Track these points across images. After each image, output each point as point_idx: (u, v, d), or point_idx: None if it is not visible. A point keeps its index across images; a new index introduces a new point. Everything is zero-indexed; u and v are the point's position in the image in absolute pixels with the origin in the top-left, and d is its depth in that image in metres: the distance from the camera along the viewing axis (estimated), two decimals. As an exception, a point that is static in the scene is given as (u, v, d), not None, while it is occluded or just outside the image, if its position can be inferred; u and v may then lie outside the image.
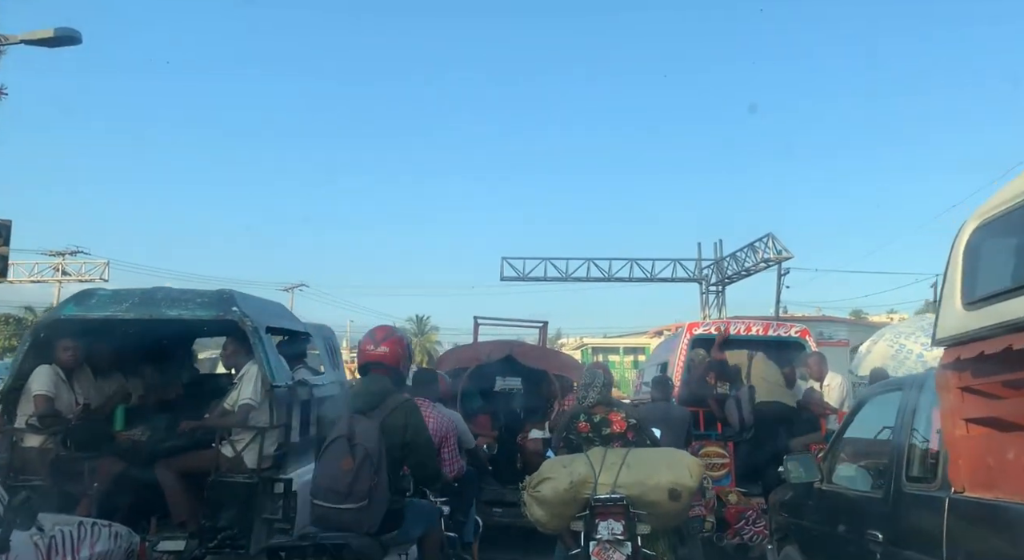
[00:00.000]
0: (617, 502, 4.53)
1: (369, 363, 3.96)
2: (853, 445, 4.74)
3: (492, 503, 7.21)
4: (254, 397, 5.05)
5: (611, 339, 53.09)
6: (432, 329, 60.42)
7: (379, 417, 3.71)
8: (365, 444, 3.59)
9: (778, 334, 8.40)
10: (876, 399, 4.69)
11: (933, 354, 9.86)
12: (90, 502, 4.58)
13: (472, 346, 9.48)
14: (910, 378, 4.28)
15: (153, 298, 5.22)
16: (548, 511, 4.66)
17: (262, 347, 5.10)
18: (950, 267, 3.23)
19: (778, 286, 28.69)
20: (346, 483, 3.54)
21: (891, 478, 3.74)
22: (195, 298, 5.22)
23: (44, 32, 9.36)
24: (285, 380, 5.24)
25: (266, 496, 4.98)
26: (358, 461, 3.56)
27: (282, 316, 6.08)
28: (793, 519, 5.25)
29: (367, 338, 4.05)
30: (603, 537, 4.49)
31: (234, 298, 5.22)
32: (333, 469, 3.62)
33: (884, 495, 3.79)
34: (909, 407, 3.83)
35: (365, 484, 3.55)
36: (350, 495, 3.55)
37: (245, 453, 4.99)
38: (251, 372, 5.11)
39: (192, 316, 5.16)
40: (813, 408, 7.67)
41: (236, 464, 4.96)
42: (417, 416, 3.89)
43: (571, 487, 4.59)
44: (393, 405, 3.78)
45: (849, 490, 4.45)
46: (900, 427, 3.84)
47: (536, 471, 4.85)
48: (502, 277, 29.57)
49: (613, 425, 5.18)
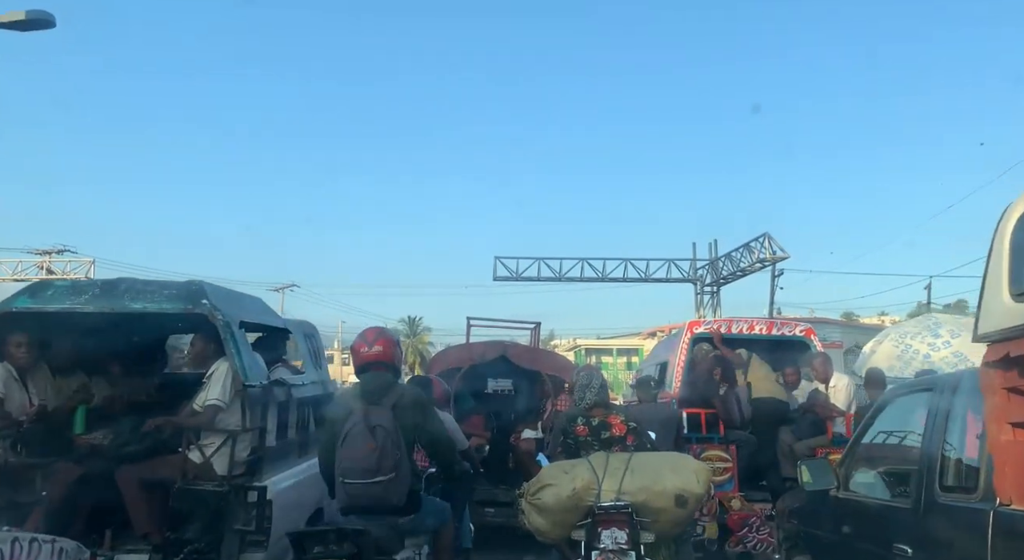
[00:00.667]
0: (621, 510, 4.31)
1: (367, 363, 4.13)
2: (873, 450, 4.45)
3: (484, 503, 7.14)
4: (222, 397, 4.67)
5: (604, 340, 52.95)
6: (424, 330, 60.16)
7: (389, 403, 3.96)
8: (384, 425, 3.86)
9: (782, 333, 8.20)
10: (900, 401, 4.37)
11: (940, 355, 9.84)
12: (40, 513, 4.18)
13: (466, 346, 9.40)
14: (941, 378, 3.96)
15: (115, 290, 4.82)
16: (549, 519, 4.44)
17: (234, 343, 4.71)
18: (993, 255, 2.90)
19: (772, 287, 28.54)
20: (374, 460, 3.80)
21: (922, 487, 3.43)
22: (161, 290, 4.82)
23: (15, 14, 8.95)
24: (259, 379, 4.85)
25: (238, 505, 4.58)
26: (380, 441, 3.82)
27: (259, 311, 5.69)
28: (805, 528, 4.97)
29: (359, 341, 4.17)
30: (607, 547, 4.27)
31: (204, 290, 4.83)
32: (359, 451, 3.84)
33: (914, 505, 3.48)
34: (941, 410, 3.52)
35: (391, 459, 3.83)
36: (379, 470, 3.80)
37: (215, 459, 4.60)
38: (221, 370, 4.72)
39: (158, 309, 4.76)
40: (819, 410, 7.41)
41: (205, 470, 4.57)
42: (425, 403, 4.20)
43: (574, 494, 4.37)
44: (399, 392, 4.08)
45: (871, 499, 4.15)
46: (931, 431, 3.53)
47: (531, 474, 4.68)
48: (495, 277, 29.25)
49: (613, 428, 5.02)
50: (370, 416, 3.88)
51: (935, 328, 10.26)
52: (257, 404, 4.82)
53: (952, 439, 3.41)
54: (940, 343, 9.91)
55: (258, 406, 4.82)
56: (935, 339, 10.02)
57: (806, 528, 4.93)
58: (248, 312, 5.31)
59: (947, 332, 10.02)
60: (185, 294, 4.80)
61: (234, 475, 4.59)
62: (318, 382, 6.13)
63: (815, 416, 7.35)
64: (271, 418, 5.02)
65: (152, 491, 4.56)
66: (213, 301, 4.78)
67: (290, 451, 5.42)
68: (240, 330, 4.94)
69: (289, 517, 5.11)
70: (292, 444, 5.47)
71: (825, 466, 4.61)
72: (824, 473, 4.52)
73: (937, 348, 9.86)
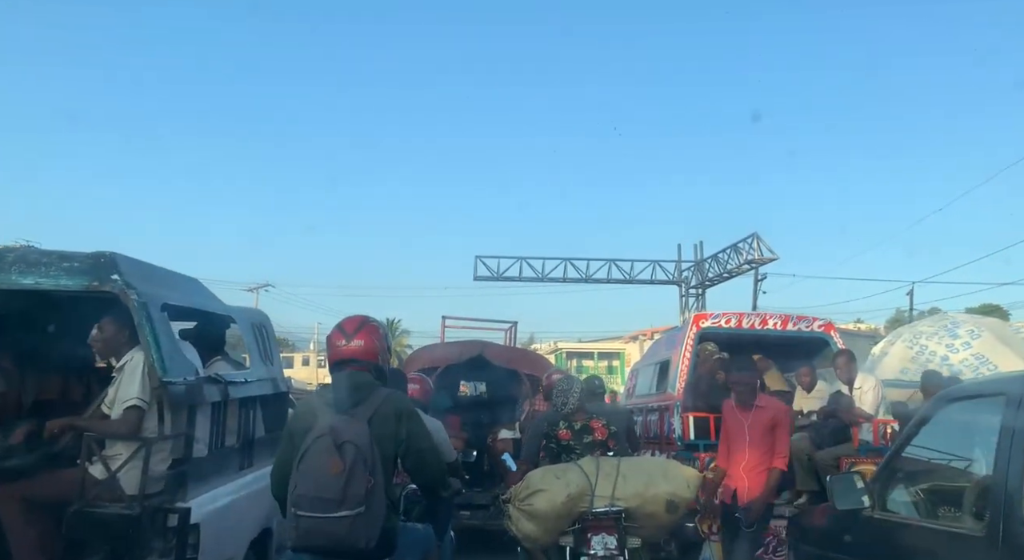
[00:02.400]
0: (612, 515, 4.41)
1: (343, 359, 3.22)
2: (919, 465, 3.87)
3: (460, 506, 6.87)
4: (143, 396, 3.74)
5: (586, 344, 52.16)
6: (403, 333, 59.36)
7: (365, 414, 3.03)
8: (355, 442, 2.92)
9: (798, 329, 7.41)
10: (953, 409, 3.70)
11: (960, 357, 9.03)
12: None
13: (443, 346, 9.32)
14: (1015, 383, 3.25)
15: (2, 260, 3.86)
16: (541, 525, 4.43)
17: (150, 329, 3.75)
18: None
19: (755, 291, 28.03)
20: (338, 488, 2.85)
21: (999, 514, 2.87)
22: (59, 262, 3.85)
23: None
24: (183, 374, 3.90)
25: (153, 532, 3.64)
26: (349, 462, 2.89)
27: (191, 293, 4.74)
28: (831, 553, 4.24)
29: (336, 332, 3.25)
30: (597, 552, 4.37)
31: (116, 263, 3.87)
32: (319, 474, 2.89)
33: (988, 535, 2.90)
34: (1022, 419, 2.88)
35: (361, 487, 2.88)
36: (344, 501, 2.85)
37: (123, 473, 3.64)
38: (135, 361, 3.78)
39: (54, 286, 3.81)
40: (842, 415, 6.58)
41: (109, 489, 3.62)
42: (410, 406, 3.27)
43: (568, 500, 4.39)
44: (380, 399, 3.11)
45: (921, 524, 3.56)
46: (1009, 446, 2.91)
47: (521, 482, 4.57)
48: (475, 277, 28.62)
49: (595, 432, 5.06)
50: (339, 429, 2.95)
51: (953, 328, 9.67)
52: (181, 405, 3.88)
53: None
54: (959, 344, 9.33)
55: (181, 408, 3.88)
56: (953, 340, 9.44)
57: (833, 554, 4.21)
58: (174, 293, 4.36)
59: (966, 332, 9.45)
60: (91, 267, 3.85)
61: (148, 494, 3.66)
62: (266, 379, 5.17)
63: (838, 422, 6.54)
64: (201, 422, 4.08)
65: (40, 514, 3.62)
66: (126, 277, 3.84)
67: (227, 463, 4.50)
68: (162, 314, 4.00)
69: (225, 544, 4.22)
70: (230, 454, 4.54)
71: (855, 481, 3.96)
72: (853, 489, 3.89)
73: (956, 349, 9.30)
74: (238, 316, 5.22)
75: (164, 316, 4.02)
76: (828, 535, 4.32)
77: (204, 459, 4.12)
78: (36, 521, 3.60)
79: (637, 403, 8.77)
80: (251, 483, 4.71)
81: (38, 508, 3.62)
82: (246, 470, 4.76)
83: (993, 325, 10.45)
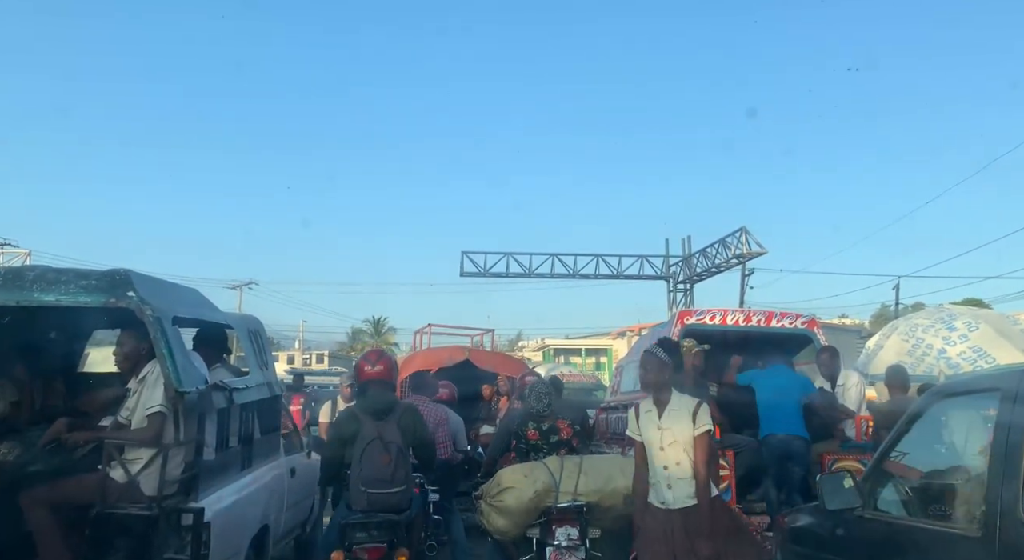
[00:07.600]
0: (575, 509, 4.82)
1: (370, 380, 4.86)
2: (910, 464, 3.81)
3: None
4: (166, 403, 3.99)
5: (573, 340, 52.39)
6: (389, 330, 59.54)
7: (394, 420, 4.67)
8: (395, 442, 4.57)
9: (781, 326, 7.33)
10: (945, 405, 3.71)
11: (957, 350, 8.88)
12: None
13: (434, 351, 10.63)
14: (1009, 377, 3.22)
15: (22, 279, 4.08)
16: (510, 520, 4.89)
17: (166, 343, 4.00)
18: None
19: (742, 286, 28.12)
20: (389, 473, 4.51)
21: (996, 512, 2.81)
22: (77, 279, 4.08)
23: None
24: (196, 384, 4.16)
25: (170, 531, 3.90)
26: (394, 456, 4.53)
27: (194, 304, 4.98)
28: (818, 553, 4.18)
29: (363, 361, 4.97)
30: (560, 543, 4.77)
31: (131, 280, 4.11)
32: (376, 464, 4.52)
33: (984, 535, 2.85)
34: (1018, 415, 2.88)
35: (401, 472, 4.58)
36: (393, 481, 4.53)
37: (142, 477, 3.90)
38: (157, 372, 4.03)
39: (74, 302, 4.04)
40: (825, 412, 6.67)
41: (130, 491, 3.88)
42: (419, 416, 5.01)
43: (535, 496, 4.83)
44: (401, 409, 4.81)
45: (913, 523, 3.49)
46: (1005, 442, 2.87)
47: (492, 480, 5.07)
48: (462, 273, 28.65)
49: (561, 432, 5.44)
50: (384, 433, 4.56)
51: (950, 320, 9.50)
52: (193, 413, 4.13)
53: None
54: (956, 337, 9.14)
55: (194, 415, 4.13)
56: (950, 333, 9.25)
57: (820, 554, 4.15)
58: (182, 305, 4.61)
59: (963, 325, 9.26)
60: (107, 285, 4.08)
61: (165, 496, 3.91)
62: (263, 384, 5.43)
63: (820, 418, 6.67)
64: (209, 428, 4.34)
65: (65, 517, 3.88)
66: (142, 293, 4.08)
67: (231, 465, 4.75)
68: (173, 327, 4.25)
69: (230, 541, 4.48)
70: (233, 456, 4.80)
71: (844, 481, 3.86)
72: (842, 488, 3.78)
73: (953, 342, 9.10)
74: (236, 324, 5.43)
75: (176, 329, 4.27)
76: (815, 536, 4.21)
77: (212, 462, 4.36)
78: (61, 523, 3.86)
79: (622, 399, 8.90)
80: (251, 483, 5.02)
81: (62, 511, 3.88)
82: (247, 470, 5.02)
83: (991, 317, 10.22)
